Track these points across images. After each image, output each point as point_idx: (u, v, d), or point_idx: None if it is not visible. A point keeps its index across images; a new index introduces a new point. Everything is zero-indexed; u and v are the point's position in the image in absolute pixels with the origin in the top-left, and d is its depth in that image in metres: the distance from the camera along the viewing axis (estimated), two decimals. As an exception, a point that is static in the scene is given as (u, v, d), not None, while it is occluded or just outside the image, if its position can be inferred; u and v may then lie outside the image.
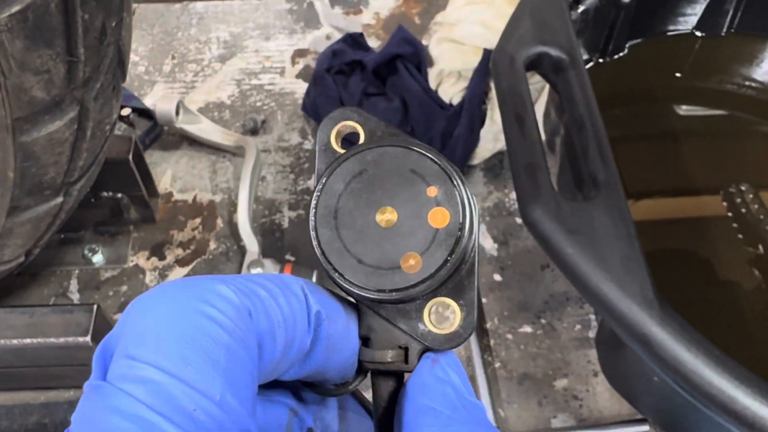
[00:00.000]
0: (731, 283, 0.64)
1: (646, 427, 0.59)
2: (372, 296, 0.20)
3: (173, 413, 0.15)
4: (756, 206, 0.68)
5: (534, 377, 0.62)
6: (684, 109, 0.75)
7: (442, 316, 0.21)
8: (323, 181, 0.20)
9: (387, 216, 0.20)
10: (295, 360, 0.19)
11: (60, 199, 0.44)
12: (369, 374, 0.21)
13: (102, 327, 0.53)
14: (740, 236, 0.66)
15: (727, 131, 0.74)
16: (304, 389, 0.21)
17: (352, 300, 0.21)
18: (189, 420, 0.15)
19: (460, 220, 0.20)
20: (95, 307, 0.52)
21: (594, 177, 0.50)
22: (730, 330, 0.61)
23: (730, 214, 0.68)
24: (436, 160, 0.20)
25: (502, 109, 0.55)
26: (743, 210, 0.68)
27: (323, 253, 0.20)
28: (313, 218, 0.20)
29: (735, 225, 0.67)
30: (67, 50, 0.34)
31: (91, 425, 0.16)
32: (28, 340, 0.51)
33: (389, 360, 0.20)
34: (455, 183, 0.20)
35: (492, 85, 0.73)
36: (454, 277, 0.20)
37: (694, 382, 0.41)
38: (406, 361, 0.20)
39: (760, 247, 0.64)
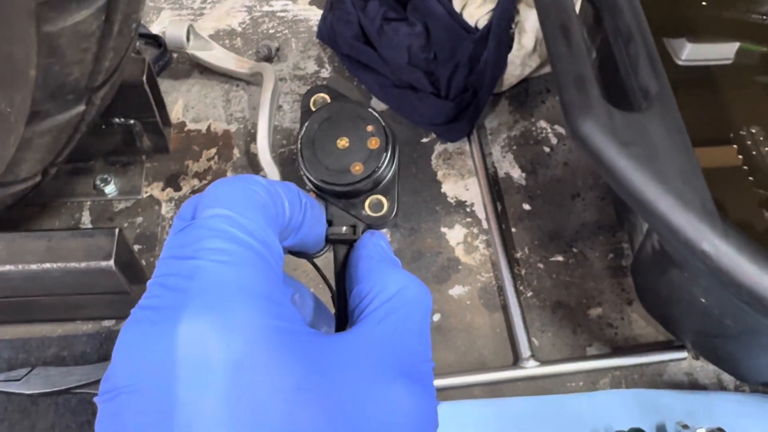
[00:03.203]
0: (742, 224, 0.62)
1: (684, 354, 0.58)
2: (335, 189, 0.31)
3: (242, 230, 0.25)
4: (767, 149, 0.66)
5: (567, 306, 0.60)
6: (697, 58, 0.72)
7: (377, 206, 0.33)
8: (306, 123, 0.32)
9: (343, 142, 0.32)
10: (292, 230, 0.29)
11: (82, 108, 0.41)
12: (331, 246, 0.33)
13: (124, 252, 0.50)
14: (750, 178, 0.64)
15: (741, 79, 0.71)
16: (294, 255, 0.33)
17: (322, 198, 0.32)
18: (249, 233, 0.25)
19: (385, 145, 0.32)
20: (117, 230, 0.49)
21: (645, 90, 0.48)
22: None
23: (740, 156, 0.66)
24: (372, 111, 0.32)
25: (544, 22, 0.52)
26: (754, 152, 0.66)
27: (305, 164, 0.32)
28: (300, 144, 0.32)
29: (745, 167, 0.65)
30: (98, -77, 0.30)
31: (188, 239, 0.24)
32: (48, 265, 0.48)
33: (344, 233, 0.32)
34: (382, 124, 0.32)
35: (519, 8, 0.70)
36: (383, 182, 0.33)
37: (759, 294, 0.40)
38: (354, 233, 0.32)
39: (771, 189, 0.63)
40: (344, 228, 0.32)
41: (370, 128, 0.32)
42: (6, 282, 0.49)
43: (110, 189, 0.64)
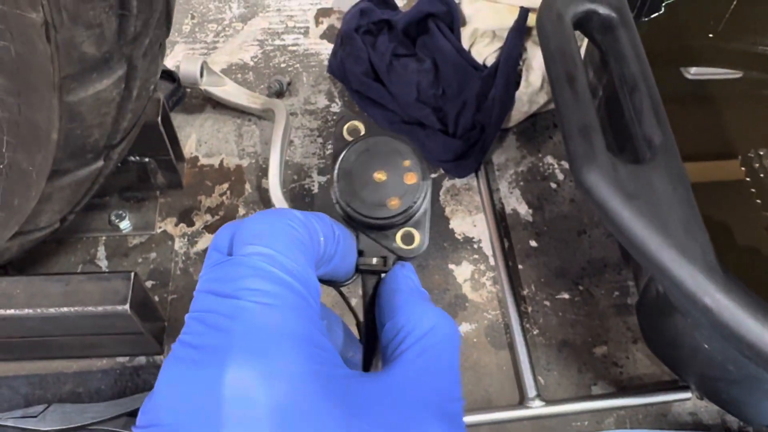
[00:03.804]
0: (749, 248, 0.63)
1: (688, 394, 0.58)
2: (370, 222, 0.32)
3: (283, 270, 0.25)
4: (774, 171, 0.66)
5: (573, 344, 0.61)
6: (707, 72, 0.73)
7: (408, 239, 0.33)
8: (343, 154, 0.32)
9: (380, 176, 0.32)
10: (325, 261, 0.29)
11: (101, 163, 0.42)
12: (360, 275, 0.33)
13: (139, 294, 0.52)
14: (758, 201, 0.65)
15: (751, 95, 0.72)
16: (323, 284, 0.32)
17: (353, 228, 0.32)
18: (290, 272, 0.25)
19: (422, 180, 0.32)
20: (133, 274, 0.51)
21: (649, 140, 0.49)
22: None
23: (748, 179, 0.66)
24: (410, 146, 0.33)
25: (550, 69, 0.53)
26: (762, 175, 0.66)
27: (342, 195, 0.32)
28: (336, 176, 0.32)
29: (753, 190, 0.66)
30: (120, 3, 0.32)
31: (229, 276, 0.25)
32: (65, 309, 0.49)
33: (374, 263, 0.33)
34: (420, 159, 0.32)
35: (527, 45, 0.71)
36: (415, 215, 0.33)
37: (760, 349, 0.40)
38: (384, 265, 0.32)
39: (779, 212, 0.63)
40: (374, 259, 0.32)
41: (407, 163, 0.32)
42: (24, 324, 0.51)
43: (125, 225, 0.65)
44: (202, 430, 0.22)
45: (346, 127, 0.33)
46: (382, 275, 0.32)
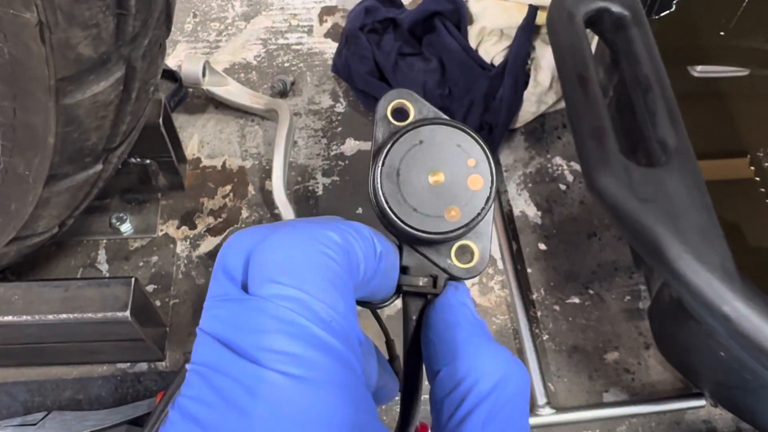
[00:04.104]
0: (760, 249, 0.61)
1: (702, 402, 0.57)
2: (421, 236, 0.25)
3: (317, 321, 0.20)
4: (784, 172, 0.65)
5: (584, 350, 0.60)
6: (713, 70, 0.72)
7: (464, 254, 0.26)
8: (390, 145, 0.25)
9: (436, 177, 0.25)
10: (362, 285, 0.24)
11: (99, 167, 0.41)
12: (401, 295, 0.27)
13: (140, 300, 0.50)
14: None
15: (761, 93, 0.70)
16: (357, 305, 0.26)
17: (395, 240, 0.26)
18: (327, 326, 0.20)
19: (490, 186, 0.25)
20: (133, 280, 0.49)
21: (663, 142, 0.47)
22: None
23: (757, 178, 0.65)
24: (477, 139, 0.25)
25: (561, 69, 0.52)
26: None
27: (386, 201, 0.25)
28: (379, 175, 0.25)
29: (762, 189, 0.64)
30: (117, 2, 0.30)
31: (246, 324, 0.19)
32: (64, 315, 0.48)
33: (421, 285, 0.26)
34: (488, 159, 0.25)
35: (535, 44, 0.70)
36: (476, 226, 0.26)
37: (781, 360, 0.39)
38: (434, 286, 0.26)
39: (790, 212, 0.62)
40: (422, 279, 0.26)
41: (472, 162, 0.25)
42: (23, 330, 0.50)
43: (126, 227, 0.64)
44: None
45: (391, 106, 0.26)
46: (429, 296, 0.27)
